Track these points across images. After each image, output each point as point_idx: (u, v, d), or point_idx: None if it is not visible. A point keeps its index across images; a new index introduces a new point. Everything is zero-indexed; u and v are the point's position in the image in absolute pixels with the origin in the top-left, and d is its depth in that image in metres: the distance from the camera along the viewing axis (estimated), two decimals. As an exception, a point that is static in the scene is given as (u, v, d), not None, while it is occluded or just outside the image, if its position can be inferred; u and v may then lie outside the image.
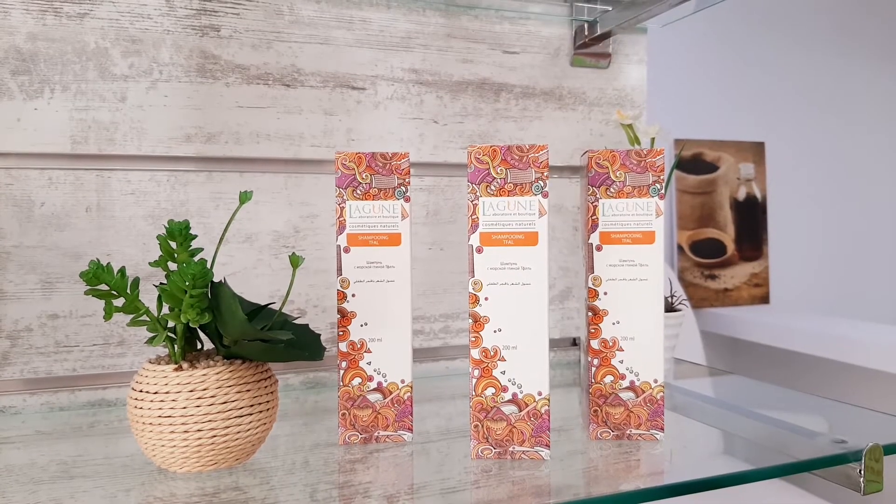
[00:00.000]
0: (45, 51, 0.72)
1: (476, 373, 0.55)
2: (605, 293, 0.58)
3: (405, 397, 0.60)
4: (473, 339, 0.55)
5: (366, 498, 0.49)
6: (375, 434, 0.60)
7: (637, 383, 0.59)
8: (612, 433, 0.60)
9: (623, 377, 0.60)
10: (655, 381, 0.60)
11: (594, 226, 0.59)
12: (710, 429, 0.71)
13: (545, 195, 0.55)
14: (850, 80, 1.37)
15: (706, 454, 0.66)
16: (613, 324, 0.59)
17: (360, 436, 0.60)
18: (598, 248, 0.58)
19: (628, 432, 0.60)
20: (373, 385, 0.59)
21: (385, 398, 0.60)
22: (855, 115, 1.38)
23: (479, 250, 0.56)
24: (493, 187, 0.55)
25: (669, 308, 0.83)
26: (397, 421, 0.60)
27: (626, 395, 0.60)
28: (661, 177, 0.58)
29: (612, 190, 0.58)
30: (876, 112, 1.40)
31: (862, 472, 0.56)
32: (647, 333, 0.59)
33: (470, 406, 0.56)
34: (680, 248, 1.51)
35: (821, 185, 1.33)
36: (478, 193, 0.56)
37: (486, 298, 0.55)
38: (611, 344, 0.59)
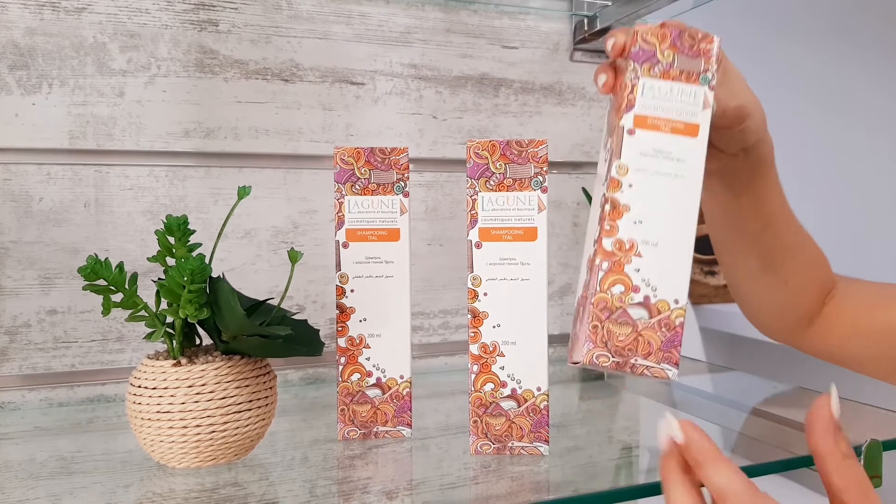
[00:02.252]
0: (42, 46, 0.72)
1: (475, 368, 0.55)
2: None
3: (404, 393, 0.60)
4: (472, 334, 0.55)
5: (365, 493, 0.49)
6: (374, 430, 0.60)
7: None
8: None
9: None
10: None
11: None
12: (709, 425, 0.70)
13: (544, 190, 0.55)
14: (850, 78, 1.37)
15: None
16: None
17: (359, 431, 0.60)
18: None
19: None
20: (372, 381, 0.59)
21: (384, 394, 0.59)
22: (855, 113, 1.38)
23: (478, 246, 0.55)
24: (492, 182, 0.55)
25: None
26: (396, 416, 0.60)
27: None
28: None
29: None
30: (876, 110, 1.40)
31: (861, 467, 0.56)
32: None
33: (469, 402, 0.56)
34: (679, 244, 1.51)
35: (819, 183, 1.33)
36: (477, 189, 0.55)
37: (486, 294, 0.55)
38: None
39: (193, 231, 0.52)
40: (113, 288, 0.50)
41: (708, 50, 0.44)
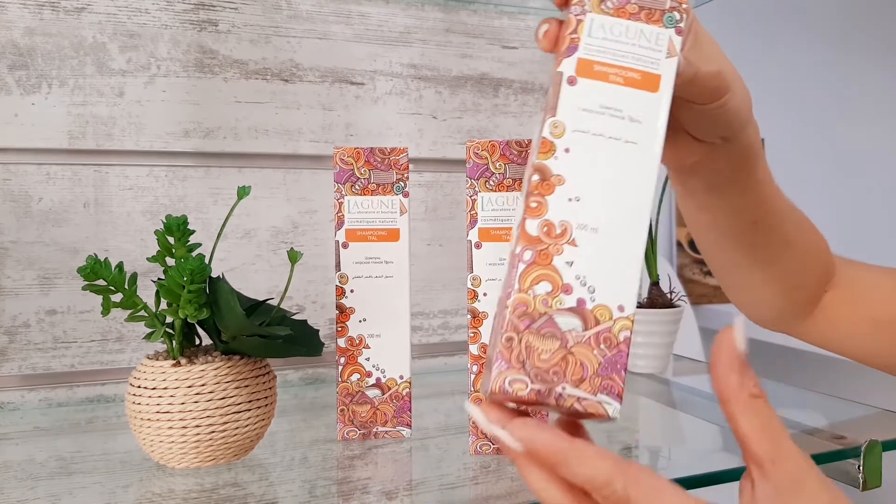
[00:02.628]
0: (42, 46, 0.72)
1: (475, 368, 0.55)
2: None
3: (404, 393, 0.60)
4: (472, 334, 0.55)
5: (364, 494, 0.49)
6: (374, 430, 0.60)
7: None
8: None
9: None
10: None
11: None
12: (708, 425, 0.70)
13: (544, 191, 0.55)
14: (851, 77, 1.37)
15: (705, 450, 0.66)
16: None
17: (358, 432, 0.60)
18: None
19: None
20: (371, 381, 0.59)
21: (384, 394, 0.59)
22: (856, 112, 1.38)
23: (478, 246, 0.55)
24: (491, 182, 0.55)
25: (668, 304, 0.82)
26: (396, 417, 0.60)
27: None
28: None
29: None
30: (877, 109, 1.40)
31: (861, 468, 0.56)
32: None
33: (468, 401, 0.56)
34: (679, 244, 1.51)
35: (820, 183, 1.32)
36: (476, 189, 0.55)
37: (485, 294, 0.55)
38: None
39: (193, 231, 0.52)
40: (112, 288, 0.50)
41: None
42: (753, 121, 0.44)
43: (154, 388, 0.50)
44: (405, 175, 0.59)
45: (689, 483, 0.52)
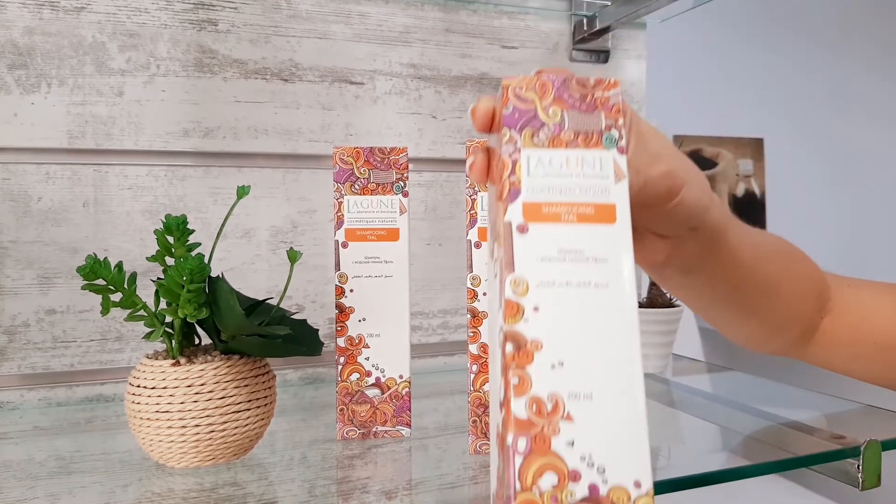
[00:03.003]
0: (41, 45, 0.72)
1: (474, 368, 0.55)
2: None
3: (403, 393, 0.60)
4: (472, 334, 0.55)
5: (364, 493, 0.49)
6: (374, 429, 0.60)
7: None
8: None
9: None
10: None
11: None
12: (708, 424, 0.71)
13: (544, 190, 0.55)
14: (850, 76, 1.37)
15: (704, 449, 0.66)
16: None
17: (358, 431, 0.60)
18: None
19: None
20: (371, 380, 0.59)
21: (383, 393, 0.60)
22: (855, 111, 1.38)
23: (478, 245, 0.55)
24: (491, 182, 0.55)
25: (667, 304, 0.83)
26: (395, 416, 0.60)
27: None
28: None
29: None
30: (876, 108, 1.40)
31: (860, 467, 0.56)
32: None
33: (468, 401, 0.56)
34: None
35: (820, 182, 1.32)
36: (476, 188, 0.55)
37: (485, 294, 0.55)
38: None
39: (192, 231, 0.52)
40: (112, 287, 0.50)
41: (606, 99, 0.33)
42: (715, 199, 0.42)
43: (153, 388, 0.50)
44: (405, 175, 0.59)
45: (688, 483, 0.52)
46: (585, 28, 0.93)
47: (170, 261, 0.52)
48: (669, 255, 0.42)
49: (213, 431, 0.50)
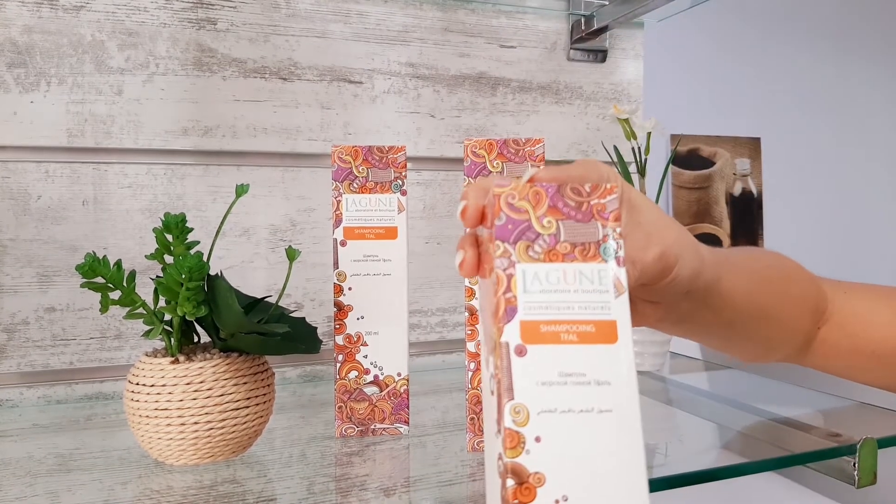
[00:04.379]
0: (41, 43, 0.72)
1: (472, 366, 0.56)
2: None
3: (401, 390, 0.60)
4: (469, 332, 0.56)
5: (362, 491, 0.49)
6: (372, 427, 0.60)
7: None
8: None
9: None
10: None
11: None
12: (705, 422, 0.71)
13: (542, 189, 0.55)
14: (847, 76, 1.37)
15: (701, 447, 0.66)
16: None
17: (356, 429, 0.60)
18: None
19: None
20: (369, 378, 0.60)
21: (381, 391, 0.60)
22: (851, 110, 1.38)
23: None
24: (489, 181, 0.55)
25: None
26: (394, 414, 0.60)
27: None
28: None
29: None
30: (873, 108, 1.41)
31: (856, 465, 0.56)
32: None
33: (466, 399, 0.56)
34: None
35: (816, 181, 1.33)
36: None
37: (483, 292, 0.55)
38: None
39: (191, 229, 0.52)
40: (111, 285, 0.50)
41: (603, 207, 0.31)
42: (706, 257, 0.41)
43: (152, 386, 0.50)
44: (403, 173, 0.60)
45: (685, 480, 0.52)
46: (583, 27, 0.93)
47: (169, 259, 0.52)
48: (662, 317, 0.43)
49: (211, 429, 0.51)
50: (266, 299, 0.58)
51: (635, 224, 0.36)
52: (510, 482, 0.28)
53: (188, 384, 0.50)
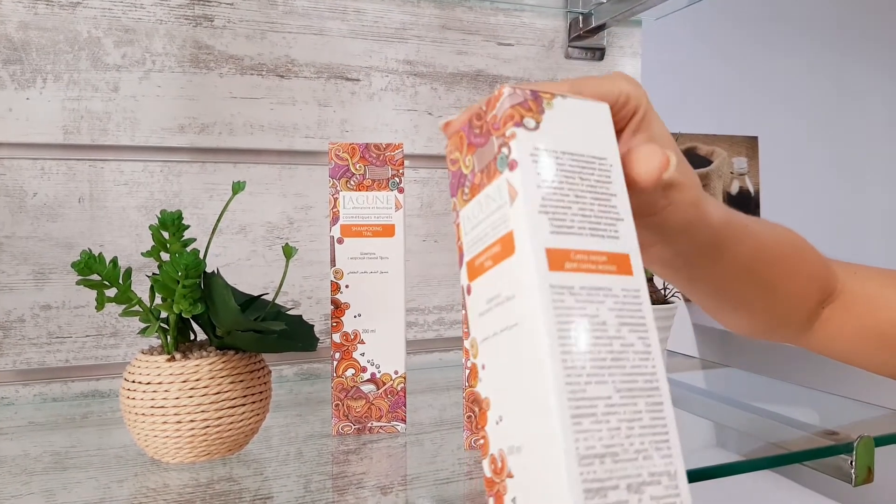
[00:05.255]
0: (36, 40, 0.72)
1: (469, 364, 0.55)
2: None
3: (398, 388, 0.60)
4: (467, 330, 0.56)
5: (359, 489, 0.49)
6: (369, 425, 0.60)
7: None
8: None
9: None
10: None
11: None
12: (702, 420, 0.71)
13: (539, 186, 0.55)
14: (844, 75, 1.37)
15: (698, 445, 0.66)
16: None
17: (353, 426, 0.60)
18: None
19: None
20: (366, 376, 0.59)
21: (378, 389, 0.60)
22: (849, 109, 1.39)
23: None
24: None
25: (662, 300, 0.83)
26: (391, 412, 0.60)
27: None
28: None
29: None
30: (871, 106, 1.41)
31: (853, 463, 0.56)
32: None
33: (463, 397, 0.56)
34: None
35: (814, 180, 1.33)
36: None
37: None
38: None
39: (188, 226, 0.52)
40: (107, 283, 0.50)
41: (495, 119, 0.30)
42: (711, 205, 0.40)
43: (149, 383, 0.50)
44: (400, 171, 0.60)
45: (682, 478, 0.52)
46: (581, 25, 0.93)
47: (165, 256, 0.52)
48: (666, 260, 0.42)
49: (207, 427, 0.50)
50: (263, 297, 0.58)
51: (645, 138, 0.35)
52: (476, 409, 0.30)
53: (184, 382, 0.50)
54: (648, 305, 0.29)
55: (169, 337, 0.52)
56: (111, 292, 0.51)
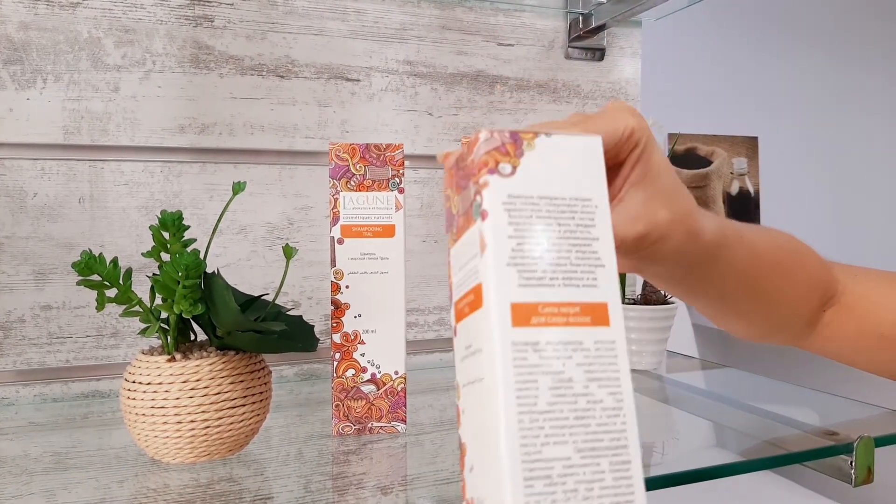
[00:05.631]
0: (37, 40, 0.72)
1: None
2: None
3: (399, 388, 0.60)
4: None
5: (360, 489, 0.49)
6: (369, 425, 0.60)
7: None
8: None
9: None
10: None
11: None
12: (701, 421, 0.71)
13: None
14: (844, 75, 1.37)
15: (698, 446, 0.66)
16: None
17: (353, 427, 0.60)
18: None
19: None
20: (366, 376, 0.59)
21: (379, 389, 0.60)
22: (849, 109, 1.39)
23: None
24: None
25: (662, 301, 0.83)
26: (391, 412, 0.60)
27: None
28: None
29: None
30: (871, 107, 1.41)
31: (853, 463, 0.56)
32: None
33: (463, 397, 0.56)
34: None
35: (814, 180, 1.33)
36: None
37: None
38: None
39: (188, 226, 0.52)
40: (107, 283, 0.50)
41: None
42: (705, 234, 0.40)
43: (149, 384, 0.50)
44: (400, 171, 0.60)
45: (681, 479, 0.52)
46: (581, 26, 0.93)
47: (165, 257, 0.52)
48: (660, 275, 0.42)
49: (208, 427, 0.50)
50: (263, 297, 0.58)
51: (639, 191, 0.36)
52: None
53: (184, 382, 0.50)
54: (624, 357, 0.28)
55: (169, 337, 0.52)
56: (111, 293, 0.51)
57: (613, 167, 0.36)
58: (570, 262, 0.28)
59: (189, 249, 0.51)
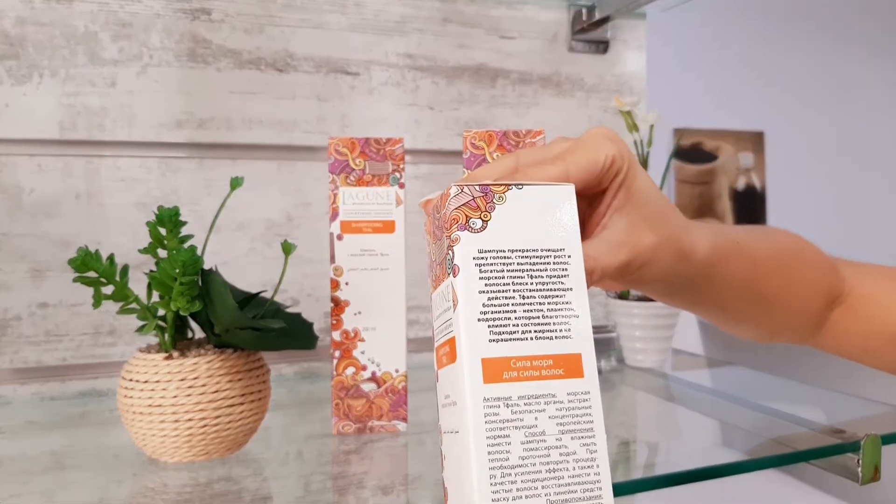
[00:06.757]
0: (33, 35, 0.71)
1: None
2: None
3: (399, 387, 0.59)
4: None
5: (360, 489, 0.49)
6: (369, 424, 0.59)
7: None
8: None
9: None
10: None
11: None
12: (707, 419, 0.70)
13: (542, 182, 0.54)
14: (851, 69, 1.36)
15: (703, 444, 0.65)
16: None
17: (353, 426, 0.59)
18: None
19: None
20: (367, 374, 0.59)
21: (379, 388, 0.59)
22: (856, 104, 1.38)
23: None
24: (488, 174, 0.54)
25: (667, 297, 0.82)
26: (392, 411, 0.59)
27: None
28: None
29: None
30: (877, 101, 1.40)
31: (860, 462, 0.56)
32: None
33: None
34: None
35: (820, 175, 1.32)
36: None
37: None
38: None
39: (185, 223, 0.52)
40: (104, 280, 0.49)
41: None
42: (696, 252, 0.40)
43: (146, 382, 0.49)
44: (401, 166, 0.59)
45: (687, 477, 0.51)
46: (585, 18, 0.92)
47: (162, 253, 0.51)
48: (656, 289, 0.42)
49: (206, 426, 0.50)
50: (261, 294, 0.58)
51: (622, 217, 0.36)
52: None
53: (182, 380, 0.49)
54: (598, 407, 0.28)
55: (166, 335, 0.52)
56: (108, 289, 0.50)
57: (597, 195, 0.36)
58: (543, 315, 0.29)
59: (186, 246, 0.50)
